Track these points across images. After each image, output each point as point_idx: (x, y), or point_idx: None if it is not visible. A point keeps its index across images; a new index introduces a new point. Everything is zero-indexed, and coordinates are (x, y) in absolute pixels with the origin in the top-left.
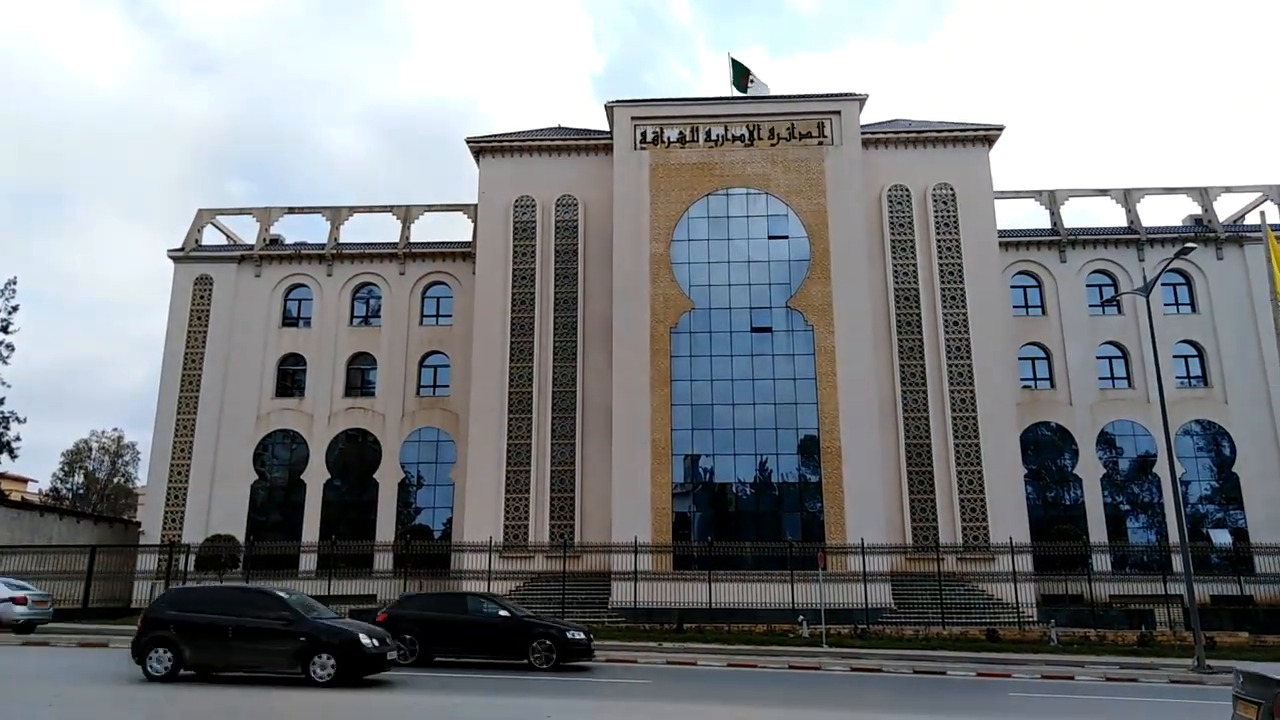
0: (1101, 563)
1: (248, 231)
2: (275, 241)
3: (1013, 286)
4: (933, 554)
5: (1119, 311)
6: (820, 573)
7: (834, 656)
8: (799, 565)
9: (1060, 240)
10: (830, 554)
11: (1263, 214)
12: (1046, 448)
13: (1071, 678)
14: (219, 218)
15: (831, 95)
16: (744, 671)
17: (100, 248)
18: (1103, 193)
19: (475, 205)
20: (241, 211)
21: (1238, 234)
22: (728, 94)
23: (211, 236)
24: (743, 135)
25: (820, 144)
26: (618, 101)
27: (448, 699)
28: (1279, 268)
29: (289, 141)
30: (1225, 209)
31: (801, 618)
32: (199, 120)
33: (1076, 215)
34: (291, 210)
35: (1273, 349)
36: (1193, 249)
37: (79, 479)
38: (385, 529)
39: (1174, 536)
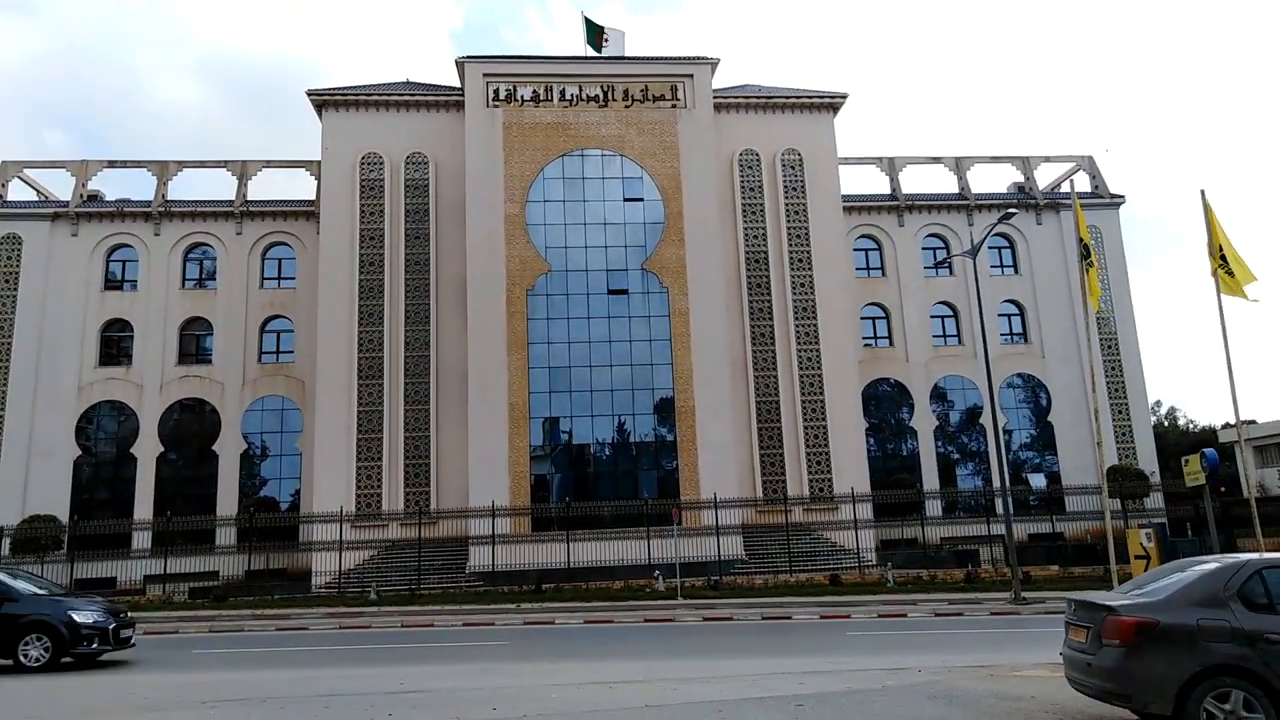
0: (934, 508)
1: (62, 187)
2: (94, 198)
3: (855, 249)
4: (781, 506)
5: (950, 273)
6: (675, 528)
7: (688, 608)
8: (655, 522)
9: (899, 205)
10: (685, 509)
11: (1072, 183)
12: (886, 402)
13: (905, 615)
14: (28, 170)
15: (684, 59)
16: (601, 628)
17: None
18: (937, 160)
19: (319, 163)
20: (54, 165)
21: (1055, 201)
22: (583, 54)
23: (21, 192)
24: (597, 96)
25: (674, 107)
26: (469, 57)
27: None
28: (1085, 234)
29: (117, 93)
30: (1045, 177)
31: (657, 572)
32: (10, 65)
33: (913, 181)
34: (113, 164)
35: (1081, 308)
36: (1014, 214)
37: None
38: (227, 503)
39: (997, 481)
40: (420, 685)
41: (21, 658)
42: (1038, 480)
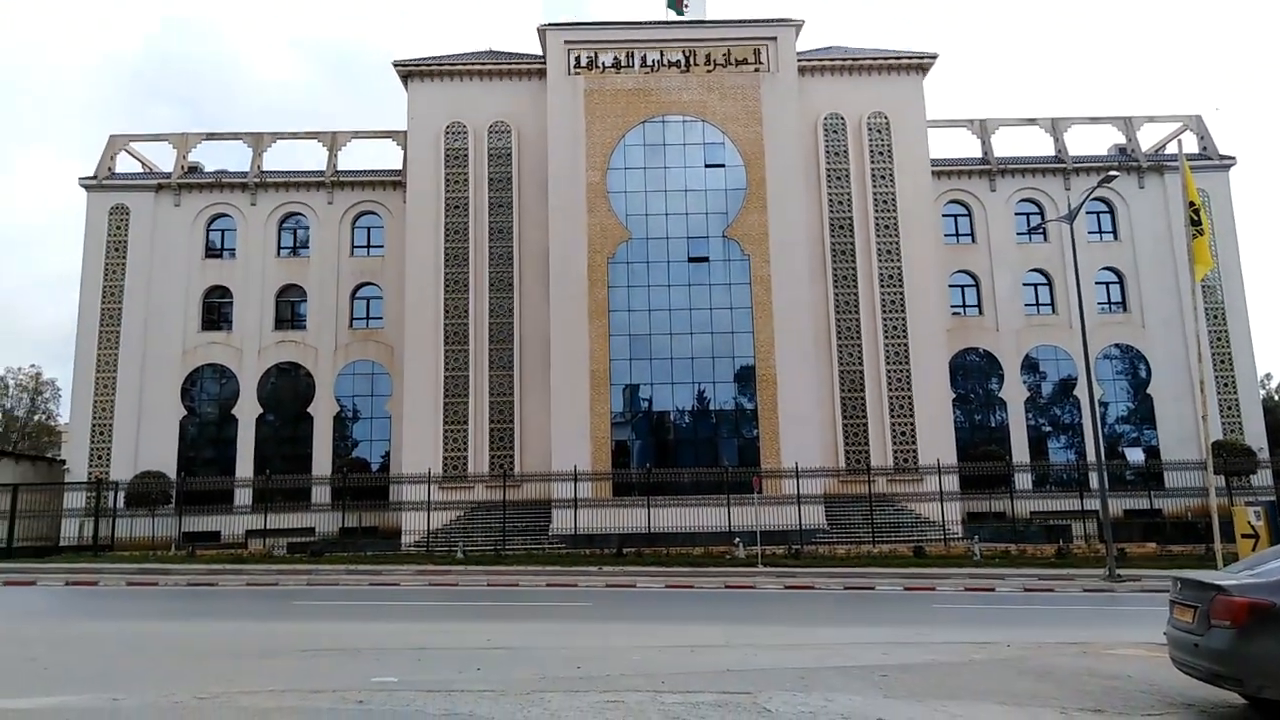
0: (1023, 481)
1: (165, 159)
2: (194, 169)
3: (944, 215)
4: (864, 476)
5: (1045, 239)
6: (756, 496)
7: (769, 576)
8: (735, 490)
9: (990, 169)
10: (765, 478)
11: (1180, 144)
12: (974, 372)
13: (992, 589)
14: (133, 144)
15: (768, 21)
16: (681, 592)
17: (17, 177)
18: (1031, 122)
19: (405, 132)
20: (157, 138)
21: (1159, 163)
22: (664, 18)
23: (128, 165)
24: (679, 61)
25: (757, 71)
26: (550, 25)
27: None
28: (1194, 196)
29: (218, 69)
30: (1148, 139)
31: (737, 539)
32: (122, 44)
33: (1006, 144)
34: (211, 136)
35: (1186, 275)
36: (1115, 177)
37: None
38: (322, 462)
39: (1092, 455)
40: (506, 642)
41: None
42: (1135, 455)
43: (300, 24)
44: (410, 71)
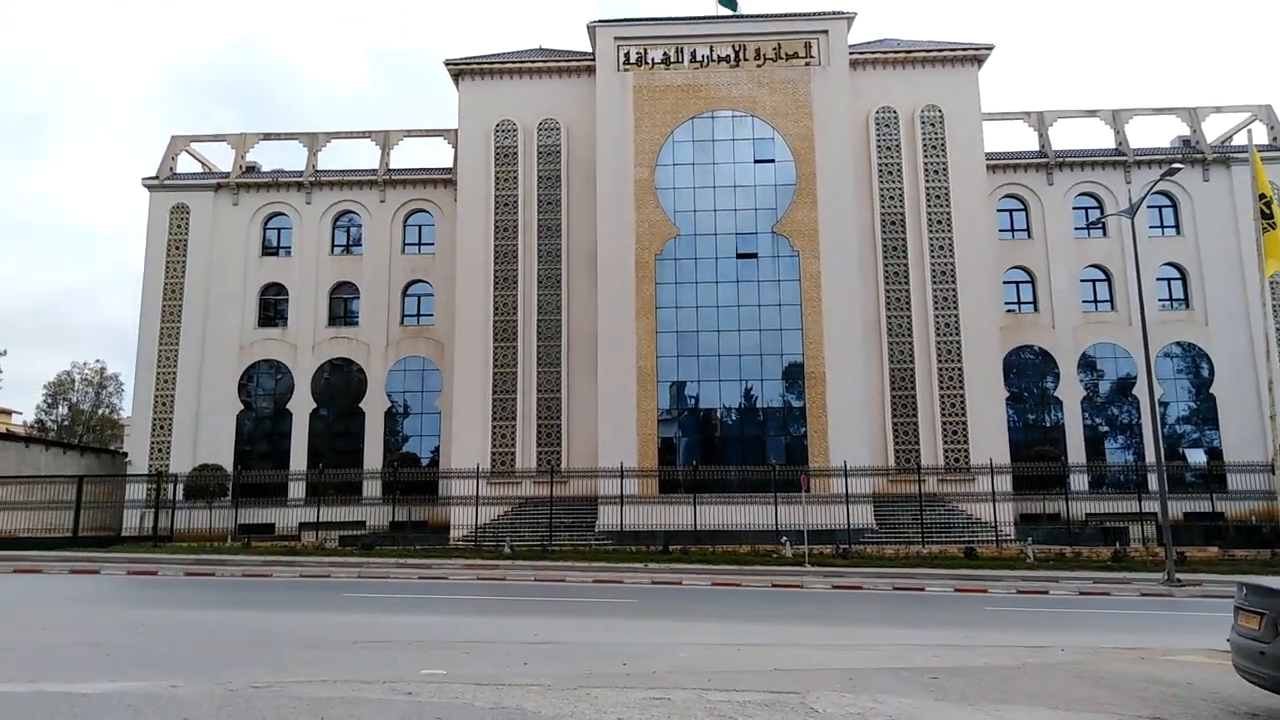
0: (1079, 483)
1: (224, 159)
2: (252, 169)
3: (999, 210)
4: (914, 475)
5: (1104, 234)
6: (804, 494)
7: (816, 575)
8: (783, 488)
9: (1048, 162)
10: (813, 477)
11: (1249, 134)
12: (1029, 370)
13: (1046, 592)
14: (194, 145)
15: (819, 14)
16: (728, 590)
17: (84, 176)
18: (1091, 114)
19: (456, 130)
20: (216, 138)
21: (1225, 155)
22: (714, 13)
23: (189, 165)
24: (728, 56)
25: (807, 65)
26: (600, 21)
27: None
28: (1265, 188)
29: (276, 70)
30: (1213, 130)
31: (784, 538)
32: (184, 46)
33: (1064, 137)
34: (268, 136)
35: (1254, 271)
36: (1179, 170)
37: (63, 410)
38: (373, 457)
39: (1151, 457)
40: (553, 637)
41: None
42: (1196, 456)
43: (358, 26)
44: (461, 70)
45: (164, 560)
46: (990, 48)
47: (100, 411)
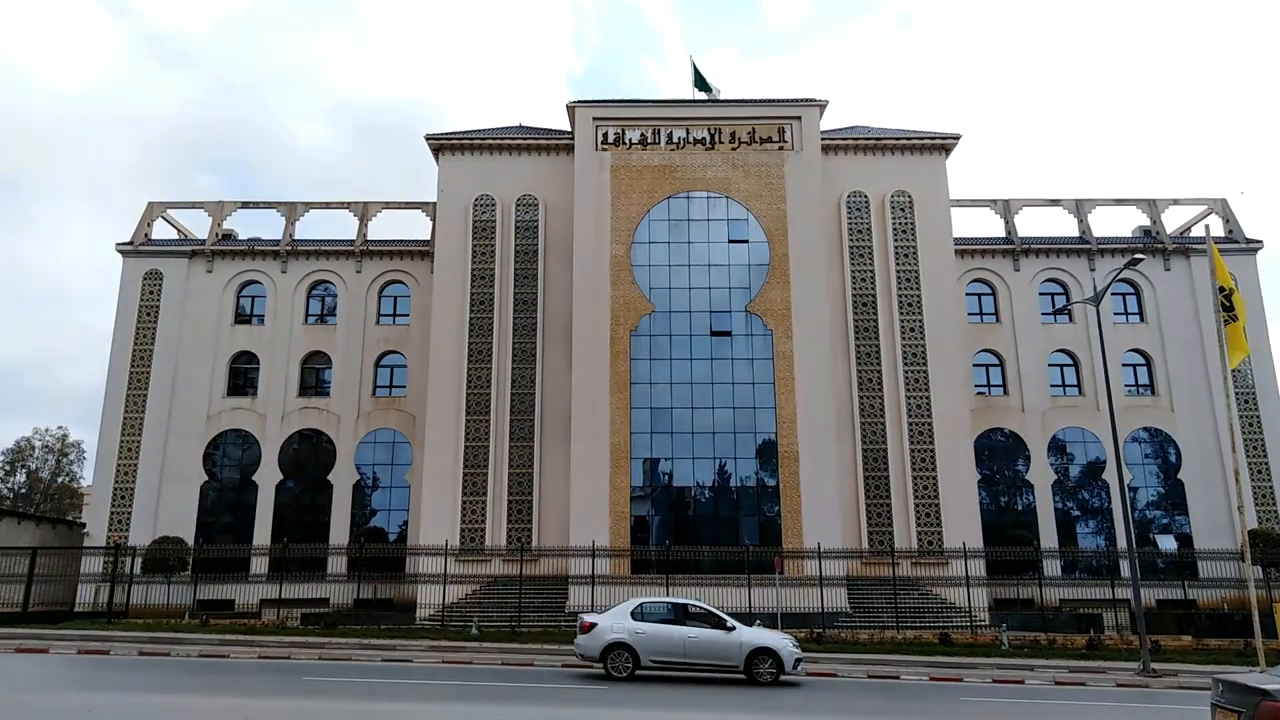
0: (1052, 568)
1: (201, 226)
2: (228, 237)
3: (968, 294)
4: (888, 558)
5: (1070, 320)
6: (777, 577)
7: None
8: (756, 569)
9: (1014, 249)
10: (787, 558)
11: (1207, 227)
12: (1000, 453)
13: (1022, 681)
14: (170, 211)
15: (792, 100)
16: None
17: (60, 240)
18: (1055, 203)
19: (434, 204)
20: (193, 205)
21: (1184, 245)
22: (690, 96)
23: (165, 231)
24: (704, 139)
25: (781, 149)
26: (579, 102)
27: None
28: (1226, 279)
29: (260, 137)
30: (1173, 221)
31: (758, 621)
32: (168, 112)
33: (1030, 224)
34: (245, 205)
35: (1215, 359)
36: (1141, 260)
37: (21, 478)
38: (339, 531)
39: (1122, 542)
40: None
41: None
42: (1166, 542)
43: (337, 96)
44: (442, 145)
45: (117, 638)
46: (957, 137)
47: (60, 480)
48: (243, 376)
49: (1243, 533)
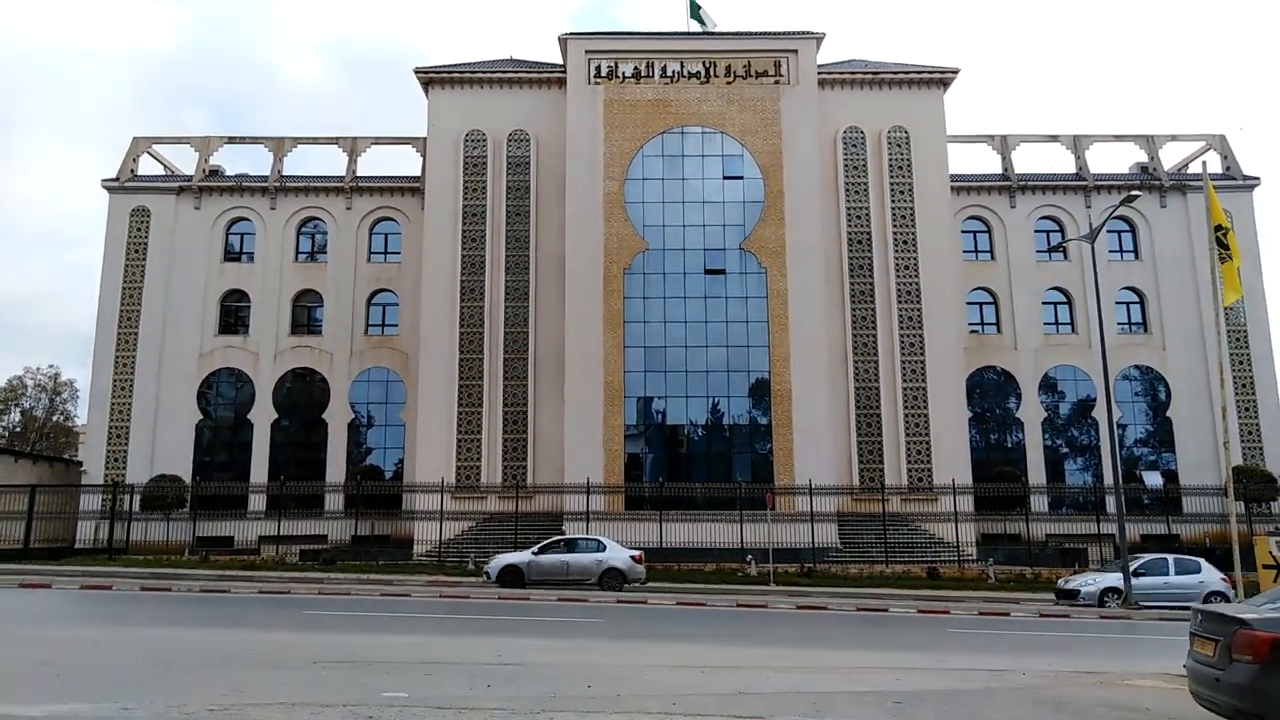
0: (1040, 504)
1: (188, 162)
2: (215, 173)
3: (963, 231)
4: (878, 495)
5: (1065, 257)
6: (769, 513)
7: (781, 595)
8: (748, 506)
9: (1011, 186)
10: (778, 495)
11: (1204, 164)
12: (991, 391)
13: (1008, 614)
14: (156, 146)
15: (789, 34)
16: (693, 610)
17: (48, 176)
18: (1053, 139)
19: (424, 139)
20: (179, 140)
21: (1181, 183)
22: (685, 29)
23: (152, 168)
24: (699, 72)
25: (777, 83)
26: (571, 34)
27: None
28: (1220, 217)
29: (249, 72)
30: (1170, 157)
31: (750, 557)
32: (159, 46)
33: (1027, 160)
34: (232, 140)
35: (1209, 297)
36: (1137, 197)
37: (15, 417)
38: (335, 469)
39: (1109, 478)
40: (516, 658)
41: None
42: (1153, 479)
43: (327, 29)
44: (431, 79)
45: (119, 574)
46: (955, 71)
47: (54, 419)
48: (234, 314)
49: (1228, 469)
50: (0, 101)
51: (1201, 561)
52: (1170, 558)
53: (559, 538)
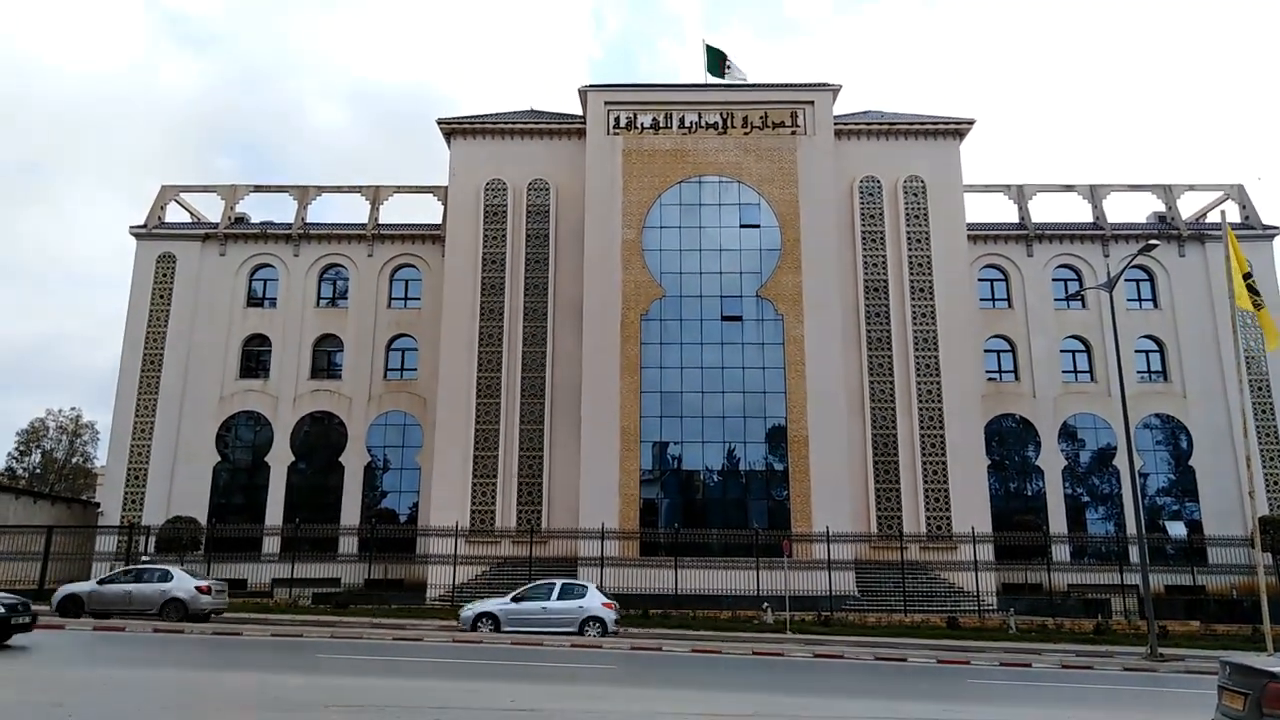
0: (1061, 553)
1: (214, 209)
2: (241, 220)
3: (980, 279)
4: (896, 542)
5: (1083, 306)
6: (786, 560)
7: (798, 643)
8: (765, 552)
9: (1027, 234)
10: (795, 542)
11: (1223, 213)
12: (1010, 439)
13: (1029, 665)
14: (183, 195)
15: (805, 85)
16: (709, 657)
17: (78, 223)
18: (1069, 188)
19: (446, 187)
20: (206, 189)
21: (1199, 232)
22: (703, 80)
23: (179, 215)
24: (716, 123)
25: (793, 133)
26: (591, 86)
27: None
28: (1238, 266)
29: (277, 122)
30: (1188, 207)
31: (766, 604)
32: (187, 96)
33: (1043, 210)
34: (258, 188)
35: (1229, 345)
36: (1156, 246)
37: (36, 458)
38: (350, 512)
39: (1131, 528)
40: (530, 704)
41: None
42: (1176, 528)
43: (355, 80)
44: (454, 129)
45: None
46: (971, 122)
47: (74, 460)
48: (255, 359)
49: (1253, 519)
50: (35, 149)
51: (590, 586)
52: (559, 582)
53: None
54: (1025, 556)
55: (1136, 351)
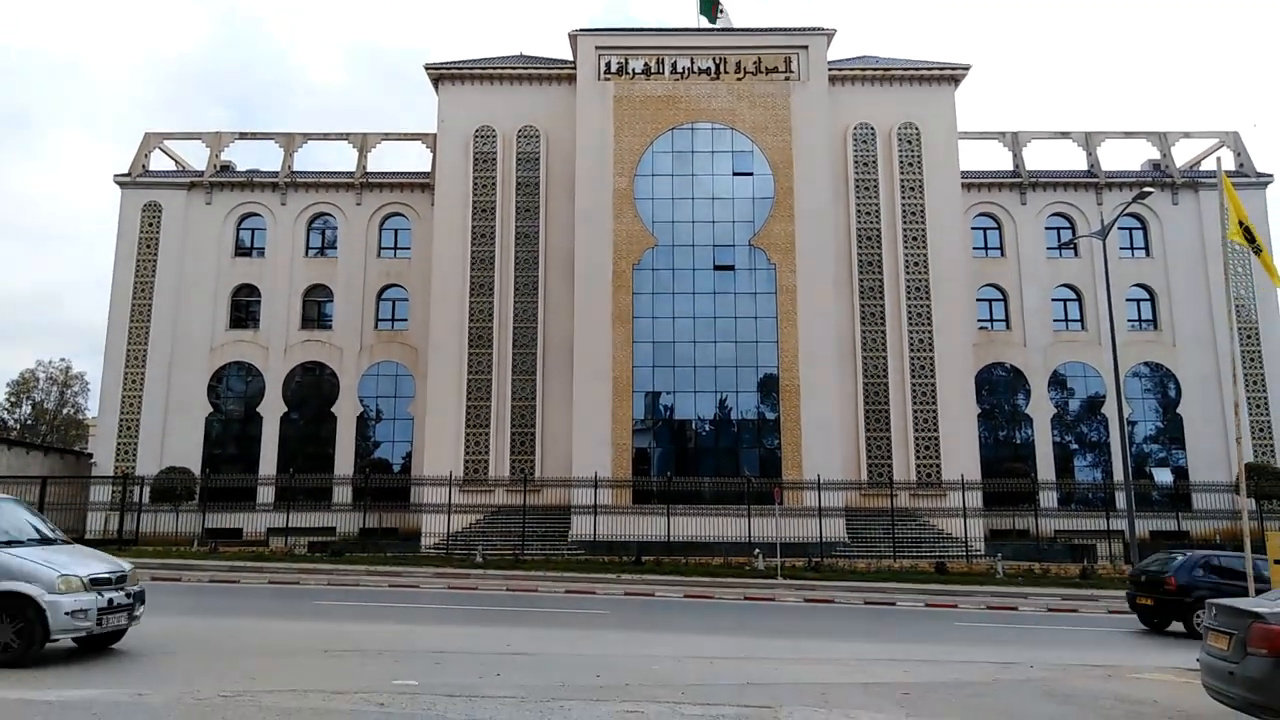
0: (1048, 500)
1: (199, 157)
2: (226, 168)
3: (973, 227)
4: (886, 490)
5: (1075, 254)
6: (777, 507)
7: (788, 588)
8: (756, 500)
9: (1021, 182)
10: (787, 489)
11: (1219, 160)
12: (1000, 387)
13: (1015, 609)
14: (168, 142)
15: (799, 29)
16: (701, 603)
17: (68, 172)
18: (1064, 135)
19: (434, 135)
20: (190, 136)
21: (1193, 180)
22: (695, 25)
23: (163, 163)
24: (709, 68)
25: (787, 79)
26: (581, 30)
27: None
28: (1235, 212)
29: (273, 70)
30: (1183, 154)
31: (757, 551)
32: (184, 46)
33: (1038, 157)
34: (243, 136)
35: (1220, 294)
36: (1150, 194)
37: (27, 409)
38: (344, 462)
39: (1119, 475)
40: (525, 648)
41: None
42: (1163, 475)
43: (348, 28)
44: (441, 74)
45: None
46: (967, 68)
47: (65, 411)
48: (244, 309)
49: (1239, 466)
50: (25, 100)
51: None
52: None
53: None
54: (1014, 503)
55: (1128, 300)
